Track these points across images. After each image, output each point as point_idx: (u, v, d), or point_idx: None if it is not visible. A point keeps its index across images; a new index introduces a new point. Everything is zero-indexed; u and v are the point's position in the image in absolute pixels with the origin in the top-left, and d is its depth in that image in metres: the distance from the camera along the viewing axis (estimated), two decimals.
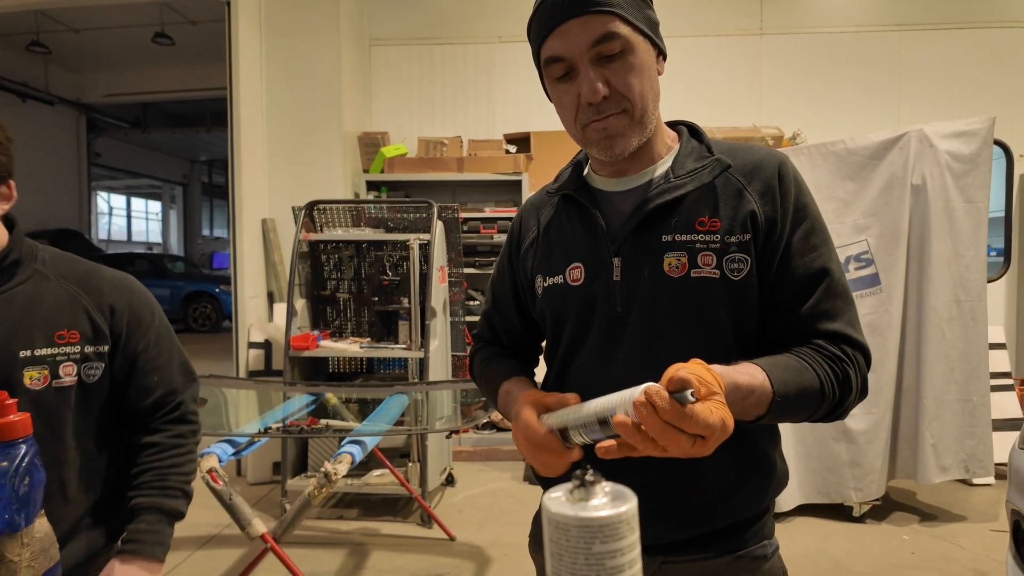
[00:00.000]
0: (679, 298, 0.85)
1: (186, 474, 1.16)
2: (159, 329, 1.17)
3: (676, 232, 0.86)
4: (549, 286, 0.96)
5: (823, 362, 0.81)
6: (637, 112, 0.83)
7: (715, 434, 0.62)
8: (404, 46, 4.76)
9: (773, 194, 0.86)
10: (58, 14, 9.36)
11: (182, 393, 1.18)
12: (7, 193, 1.02)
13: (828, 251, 0.87)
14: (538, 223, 1.02)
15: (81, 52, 11.27)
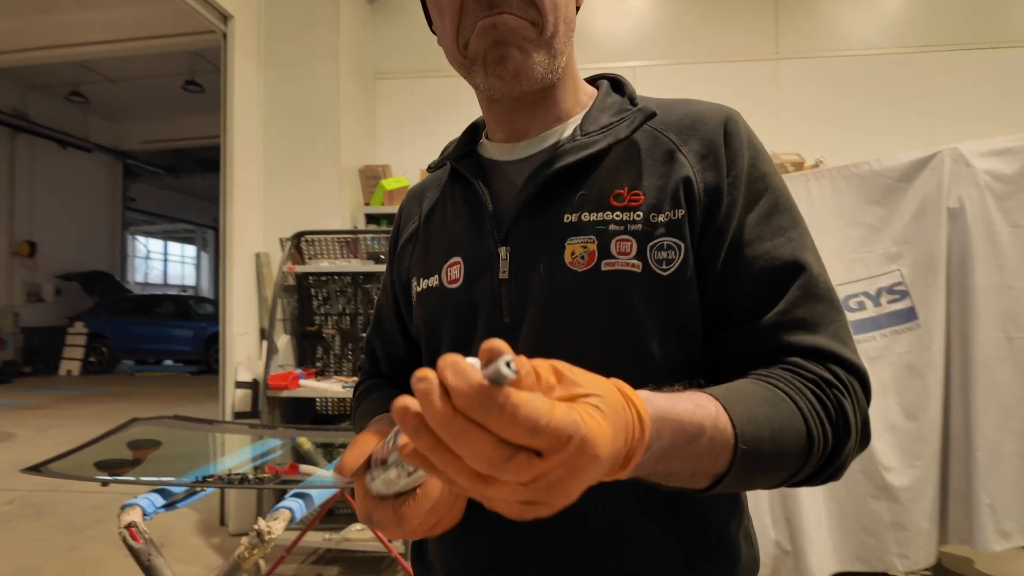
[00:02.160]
0: (586, 300, 0.60)
1: None
2: None
3: (583, 209, 0.62)
4: (422, 290, 0.72)
5: (805, 390, 0.53)
6: (548, 27, 0.61)
7: (559, 447, 0.31)
8: (408, 79, 4.69)
9: (717, 155, 0.62)
10: (96, 65, 9.78)
11: None
12: None
13: (799, 236, 0.61)
14: (420, 212, 0.79)
15: (118, 101, 11.75)
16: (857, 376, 0.57)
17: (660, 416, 0.42)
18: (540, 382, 0.33)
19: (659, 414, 0.42)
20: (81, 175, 12.61)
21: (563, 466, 0.32)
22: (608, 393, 0.36)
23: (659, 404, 0.43)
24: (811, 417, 0.52)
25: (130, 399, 8.51)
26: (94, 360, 11.47)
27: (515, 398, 0.30)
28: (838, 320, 0.59)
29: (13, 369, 10.43)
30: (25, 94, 11.02)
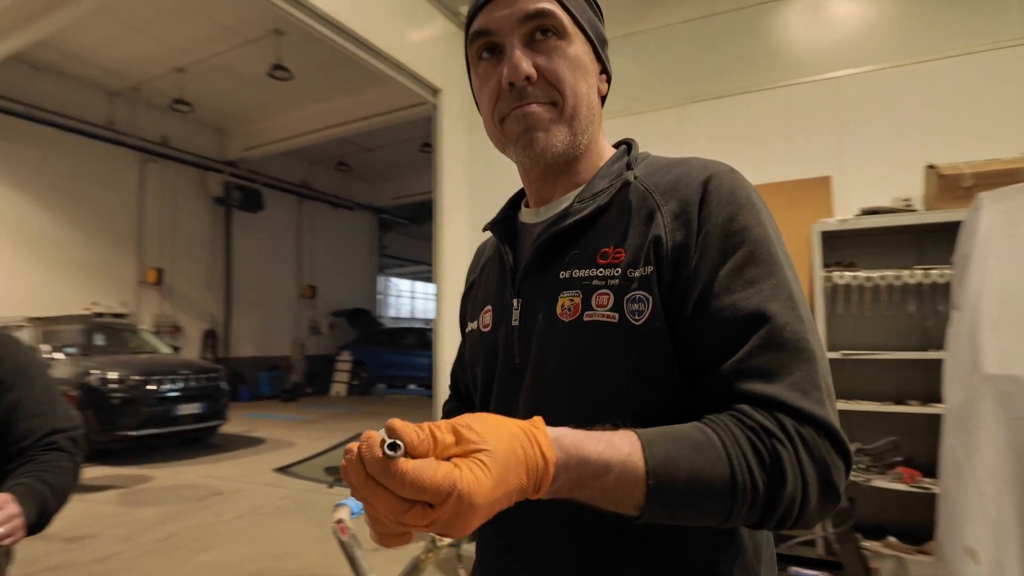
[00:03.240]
0: (569, 347, 0.69)
1: (56, 487, 1.26)
2: (44, 383, 1.38)
3: (574, 267, 0.71)
4: (468, 332, 0.87)
5: (741, 435, 0.56)
6: (568, 109, 0.72)
7: (443, 500, 0.44)
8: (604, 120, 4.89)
9: (688, 215, 0.66)
10: (355, 138, 11.83)
11: (66, 432, 1.36)
12: None
13: (773, 287, 0.62)
14: (479, 265, 0.94)
15: (373, 166, 14.02)
16: (815, 426, 0.57)
17: (567, 453, 0.51)
18: (437, 444, 0.46)
19: (566, 452, 0.51)
20: (347, 229, 15.32)
21: (448, 514, 0.44)
22: (501, 443, 0.48)
23: (567, 442, 0.52)
24: (738, 463, 0.55)
25: (380, 416, 9.95)
26: (356, 383, 13.64)
27: (403, 466, 0.44)
28: (802, 369, 0.59)
29: (299, 390, 12.93)
30: (309, 168, 13.83)
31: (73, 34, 7.99)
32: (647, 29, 4.73)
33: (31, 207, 9.12)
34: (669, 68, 4.63)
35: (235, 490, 5.34)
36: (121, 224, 10.41)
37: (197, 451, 7.17)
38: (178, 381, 6.93)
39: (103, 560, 3.68)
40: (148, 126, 10.60)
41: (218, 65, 9.18)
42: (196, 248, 11.69)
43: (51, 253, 9.31)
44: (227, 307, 12.19)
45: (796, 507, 0.56)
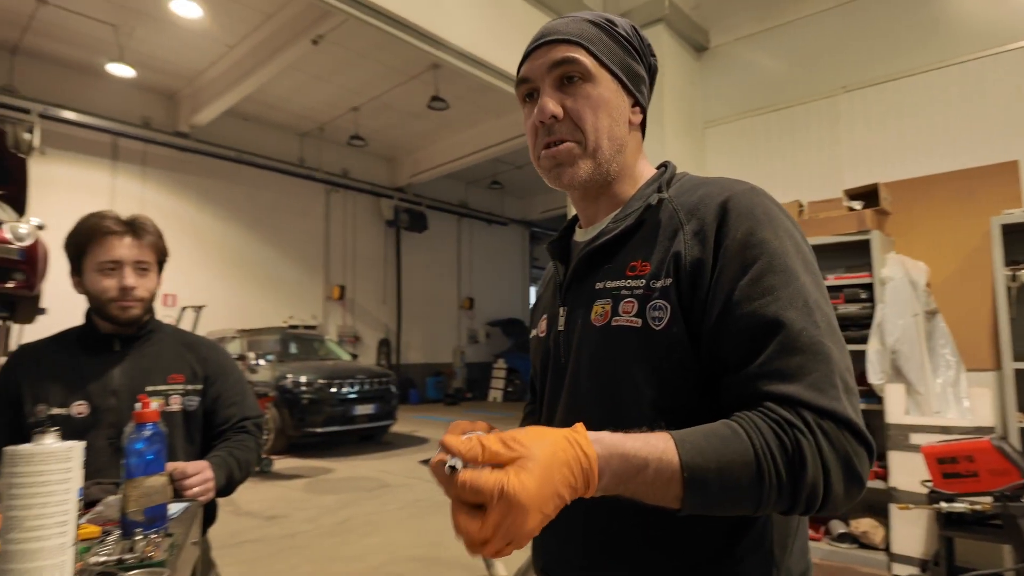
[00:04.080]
0: (600, 348, 0.78)
1: (242, 460, 1.55)
2: (237, 378, 1.72)
3: (608, 278, 0.80)
4: (531, 337, 0.99)
5: (764, 427, 0.62)
6: (590, 144, 0.81)
7: (492, 502, 0.53)
8: (738, 121, 4.72)
9: (706, 232, 0.73)
10: (506, 157, 12.40)
11: (253, 419, 1.69)
12: (159, 280, 1.64)
13: (789, 295, 0.67)
14: (545, 281, 1.05)
15: (523, 182, 14.56)
16: (834, 419, 0.62)
17: (608, 451, 0.60)
18: (485, 451, 0.56)
19: (607, 449, 0.60)
20: (501, 244, 16.08)
21: (501, 513, 0.53)
22: (543, 449, 0.57)
23: (607, 442, 0.60)
24: (762, 452, 0.61)
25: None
26: (511, 389, 14.20)
27: (462, 477, 0.55)
28: (819, 370, 0.64)
29: (460, 395, 13.78)
30: (465, 188, 14.77)
31: (271, 88, 9.43)
32: (791, 20, 4.48)
33: (241, 236, 10.88)
34: (818, 58, 4.34)
35: (400, 483, 5.90)
36: (311, 247, 11.99)
37: (371, 448, 8.00)
38: (356, 384, 7.81)
39: (291, 536, 4.31)
40: (331, 161, 12.10)
41: (386, 102, 10.23)
42: (372, 267, 13.05)
43: (256, 274, 11.01)
44: (398, 318, 13.42)
45: (820, 492, 0.61)
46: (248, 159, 10.73)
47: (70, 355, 1.54)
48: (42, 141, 8.29)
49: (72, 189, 8.70)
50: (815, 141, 4.31)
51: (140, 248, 1.54)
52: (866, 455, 0.64)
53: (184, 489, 1.33)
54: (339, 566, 3.72)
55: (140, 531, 1.00)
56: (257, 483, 5.88)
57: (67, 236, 1.54)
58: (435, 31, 3.79)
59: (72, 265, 1.55)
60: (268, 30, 7.90)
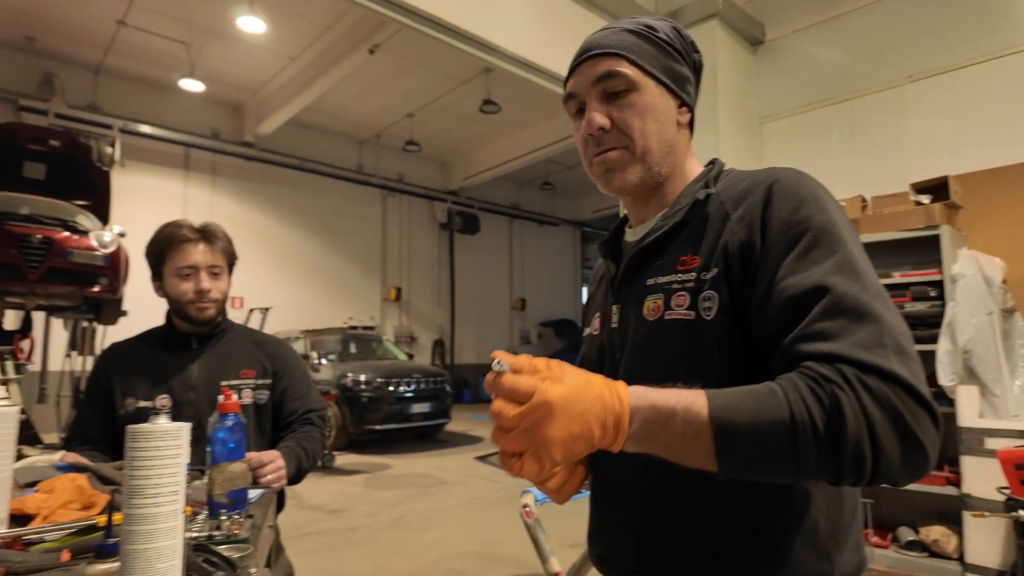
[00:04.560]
0: (653, 342, 0.80)
1: (309, 451, 1.64)
2: (303, 373, 1.83)
3: (658, 274, 0.82)
4: (584, 335, 1.02)
5: (800, 383, 0.60)
6: (638, 150, 0.84)
7: (528, 397, 0.60)
8: (796, 115, 4.60)
9: (751, 216, 0.74)
10: (558, 158, 12.42)
11: (317, 411, 1.79)
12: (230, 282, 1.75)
13: (834, 264, 0.66)
14: (596, 280, 1.07)
15: (575, 183, 14.52)
16: (879, 375, 0.59)
17: (638, 397, 0.64)
18: (529, 365, 0.64)
19: (637, 395, 0.64)
20: (552, 245, 16.09)
21: (532, 408, 0.59)
22: (578, 378, 0.63)
23: (638, 391, 0.64)
24: (796, 405, 0.58)
25: None
26: None
27: (504, 378, 0.63)
28: (864, 330, 0.61)
29: None
30: (517, 190, 14.87)
31: (330, 97, 9.78)
32: (852, 10, 4.33)
33: (303, 240, 11.31)
34: (881, 47, 4.18)
35: (456, 481, 6.02)
36: (368, 251, 12.34)
37: (427, 445, 8.17)
38: (412, 383, 8.00)
39: (352, 530, 4.47)
40: (387, 166, 12.43)
41: (439, 107, 10.44)
42: (426, 269, 13.31)
43: (318, 276, 11.42)
44: (452, 319, 13.63)
45: (867, 453, 0.57)
46: (310, 167, 11.16)
47: (153, 353, 1.68)
48: (122, 154, 8.89)
49: (148, 198, 9.27)
50: (878, 134, 4.16)
51: (212, 253, 1.67)
52: (927, 416, 0.58)
53: (259, 477, 1.43)
54: (398, 560, 3.84)
55: (224, 512, 1.10)
56: (320, 478, 6.12)
57: (148, 244, 1.68)
58: (487, 37, 3.86)
59: (153, 271, 1.68)
60: (327, 41, 8.21)
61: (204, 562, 0.82)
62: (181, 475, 0.57)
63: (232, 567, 0.82)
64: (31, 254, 4.67)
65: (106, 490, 1.17)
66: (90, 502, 1.11)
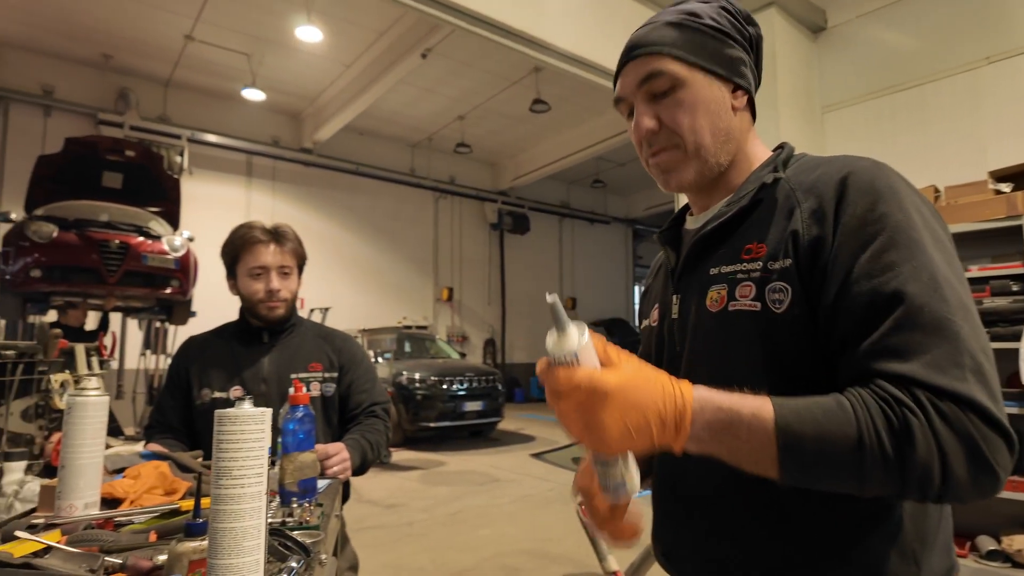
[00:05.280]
0: (716, 334, 0.77)
1: (373, 443, 1.68)
2: (367, 367, 1.89)
3: (722, 263, 0.79)
4: (643, 327, 1.00)
5: (871, 402, 0.59)
6: (690, 147, 0.81)
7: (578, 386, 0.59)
8: (861, 104, 4.40)
9: (824, 210, 0.70)
10: (609, 155, 12.30)
11: (381, 404, 1.84)
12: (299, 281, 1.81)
13: (912, 269, 0.63)
14: (654, 271, 1.06)
15: (626, 180, 14.35)
16: (955, 400, 0.57)
17: (702, 398, 0.62)
18: (605, 355, 0.63)
19: (701, 396, 0.62)
20: (603, 243, 15.94)
21: (585, 387, 0.59)
22: (641, 370, 0.62)
23: (702, 391, 0.63)
24: (866, 425, 0.58)
25: None
26: None
27: (557, 371, 0.62)
28: (940, 348, 0.59)
29: None
30: (567, 189, 14.81)
31: (384, 103, 9.99)
32: None
33: (360, 243, 11.60)
34: (954, 29, 3.96)
35: (510, 479, 6.04)
36: (421, 252, 12.55)
37: (480, 443, 8.24)
38: (464, 382, 8.10)
39: (409, 525, 4.55)
40: (439, 169, 12.61)
41: (489, 108, 10.51)
42: (477, 269, 13.43)
43: (373, 278, 11.69)
44: (502, 319, 13.70)
45: (935, 476, 0.56)
46: (365, 171, 11.45)
47: (228, 346, 1.76)
48: (190, 162, 9.34)
49: (214, 204, 9.70)
50: (951, 120, 3.93)
51: (283, 254, 1.73)
52: (1003, 443, 0.57)
53: (326, 468, 1.48)
54: (453, 555, 3.89)
55: (295, 500, 1.14)
56: (377, 473, 6.26)
57: (223, 244, 1.76)
58: (538, 35, 3.87)
59: (228, 270, 1.77)
60: (381, 47, 8.39)
61: (280, 545, 0.85)
62: (264, 458, 0.60)
63: (306, 552, 0.86)
64: (110, 258, 4.98)
65: (186, 477, 1.24)
66: (172, 488, 1.17)
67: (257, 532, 0.58)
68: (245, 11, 7.63)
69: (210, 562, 0.56)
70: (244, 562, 0.56)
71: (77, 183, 5.55)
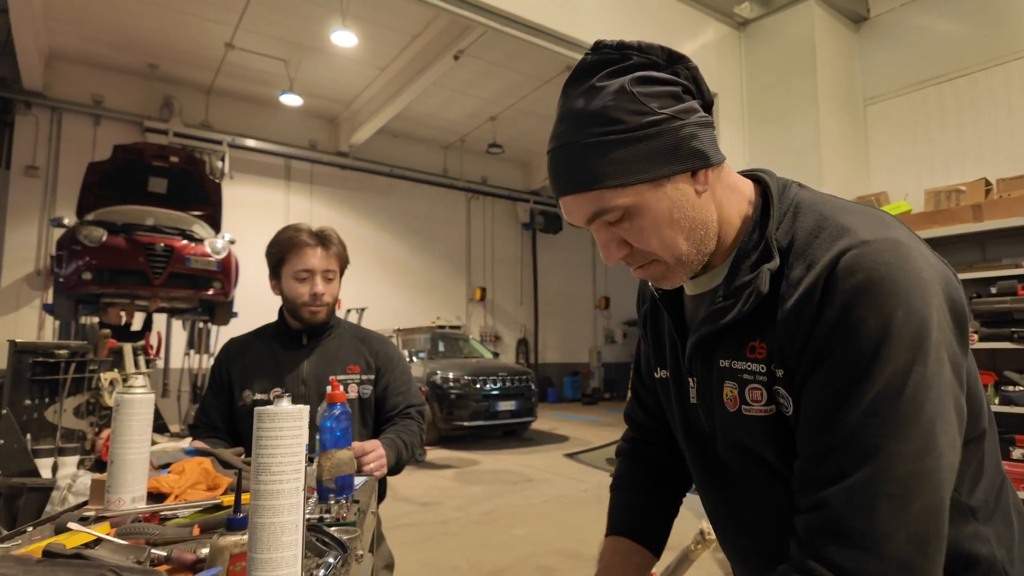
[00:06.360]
0: (740, 433, 0.74)
1: (408, 443, 1.68)
2: (403, 369, 1.90)
3: (730, 356, 0.74)
4: (660, 379, 0.92)
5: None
6: (670, 261, 0.73)
7: None
8: (903, 96, 4.25)
9: (799, 310, 0.65)
10: None
11: (416, 407, 1.85)
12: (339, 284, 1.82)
13: (884, 464, 0.59)
14: (645, 304, 0.97)
15: None
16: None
17: None
18: None
19: None
20: None
21: None
22: None
23: None
24: None
25: None
26: None
27: None
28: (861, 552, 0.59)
29: (597, 394, 13.73)
30: None
31: (417, 105, 10.10)
32: None
33: (394, 244, 11.75)
34: (1006, 13, 3.79)
35: (543, 479, 6.03)
36: (454, 252, 12.64)
37: (514, 443, 8.25)
38: (498, 381, 8.12)
39: (444, 523, 4.58)
40: (471, 169, 12.67)
41: (521, 109, 10.52)
42: (510, 269, 13.46)
43: (408, 279, 11.83)
44: (535, 318, 13.70)
45: None
46: (399, 173, 11.60)
47: (269, 348, 1.80)
48: (231, 167, 9.61)
49: (253, 208, 9.95)
50: (1004, 110, 3.77)
51: (328, 258, 1.76)
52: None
53: (363, 465, 1.50)
54: (488, 553, 3.90)
55: (332, 496, 1.16)
56: (412, 471, 6.33)
57: (268, 245, 1.79)
58: (570, 33, 3.85)
59: (271, 270, 1.80)
60: (414, 50, 8.48)
61: (317, 541, 0.87)
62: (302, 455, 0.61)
63: (343, 548, 0.87)
64: (155, 261, 5.16)
65: (228, 473, 1.27)
66: (215, 484, 1.20)
67: (295, 527, 0.59)
68: (282, 18, 7.81)
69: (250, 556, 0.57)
70: (283, 556, 0.57)
71: (125, 188, 5.77)
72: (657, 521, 0.98)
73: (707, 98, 0.75)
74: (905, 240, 0.64)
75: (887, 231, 0.65)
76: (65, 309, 5.37)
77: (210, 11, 7.67)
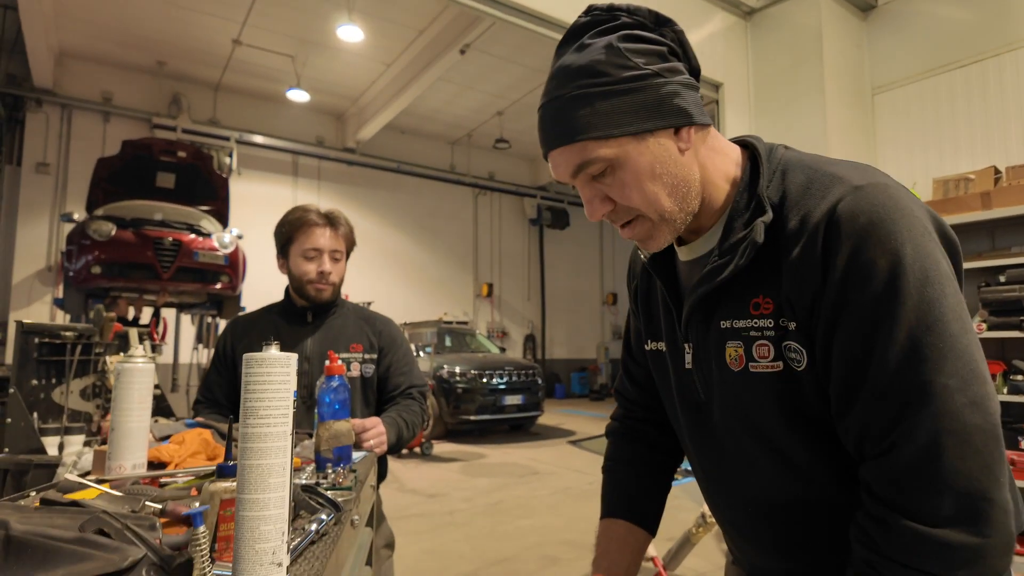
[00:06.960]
0: (743, 393, 0.74)
1: (409, 422, 1.69)
2: (406, 350, 1.92)
3: (732, 317, 0.74)
4: (651, 351, 0.92)
5: None
6: (654, 216, 0.73)
7: None
8: (912, 84, 4.21)
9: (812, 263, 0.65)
10: None
11: (418, 387, 1.87)
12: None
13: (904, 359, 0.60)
14: (636, 279, 0.97)
15: None
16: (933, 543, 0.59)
17: None
18: None
19: None
20: None
21: None
22: None
23: None
24: None
25: None
26: None
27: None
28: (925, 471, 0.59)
29: (605, 390, 13.71)
30: None
31: (424, 101, 10.11)
32: None
33: (402, 240, 11.78)
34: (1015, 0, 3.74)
35: (549, 472, 6.04)
36: (461, 248, 12.65)
37: (520, 437, 8.26)
38: (504, 376, 8.13)
39: (450, 514, 4.60)
40: (478, 165, 12.68)
41: (528, 103, 10.50)
42: (517, 264, 13.46)
43: (414, 274, 11.86)
44: (542, 314, 13.69)
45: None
46: (406, 169, 11.63)
47: (274, 325, 1.82)
48: (238, 163, 9.66)
49: (261, 203, 10.00)
50: (1013, 98, 3.73)
51: (336, 238, 1.78)
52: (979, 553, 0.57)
53: (362, 442, 1.50)
54: (495, 543, 3.91)
55: (330, 466, 1.16)
56: (419, 464, 6.36)
57: (277, 225, 1.81)
58: None
59: (279, 249, 1.82)
60: (420, 45, 8.50)
61: (311, 500, 0.87)
62: (289, 400, 0.61)
63: (336, 508, 0.87)
64: (164, 255, 5.20)
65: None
66: (214, 454, 1.22)
67: (282, 470, 0.59)
68: (289, 13, 7.84)
69: (238, 496, 0.58)
70: (270, 498, 0.58)
71: (133, 183, 5.81)
72: (650, 500, 0.98)
73: (693, 64, 0.75)
74: (891, 184, 0.66)
75: (875, 176, 0.67)
76: (75, 303, 5.43)
77: (217, 8, 7.72)
